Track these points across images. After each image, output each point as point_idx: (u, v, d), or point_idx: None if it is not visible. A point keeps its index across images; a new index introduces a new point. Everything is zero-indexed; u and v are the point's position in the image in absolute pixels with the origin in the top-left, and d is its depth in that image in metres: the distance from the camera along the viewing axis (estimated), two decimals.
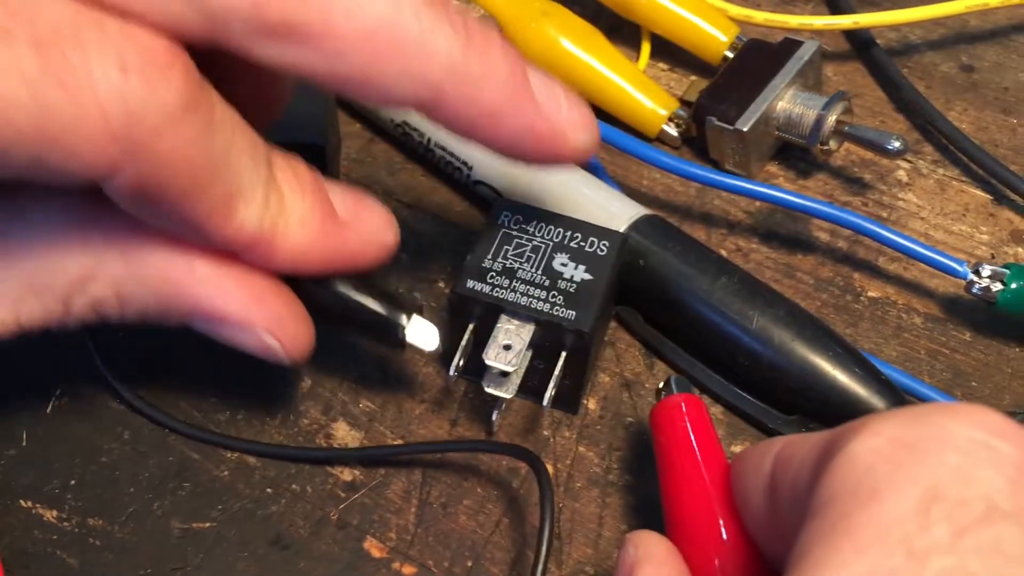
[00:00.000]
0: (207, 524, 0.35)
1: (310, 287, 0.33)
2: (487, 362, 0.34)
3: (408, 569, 0.34)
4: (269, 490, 0.35)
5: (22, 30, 0.24)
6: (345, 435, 0.37)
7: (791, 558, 0.23)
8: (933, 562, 0.20)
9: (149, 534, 0.34)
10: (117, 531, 0.34)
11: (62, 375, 0.37)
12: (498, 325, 0.34)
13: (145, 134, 0.25)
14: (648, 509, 0.35)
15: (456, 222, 0.43)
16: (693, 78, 0.47)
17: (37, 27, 0.24)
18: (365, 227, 0.32)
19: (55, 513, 0.35)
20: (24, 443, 0.36)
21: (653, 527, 0.31)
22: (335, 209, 0.31)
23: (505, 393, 0.35)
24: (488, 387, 0.35)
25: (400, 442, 0.37)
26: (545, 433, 0.37)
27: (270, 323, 0.31)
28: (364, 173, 0.44)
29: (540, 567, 0.30)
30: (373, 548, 0.34)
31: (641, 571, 0.28)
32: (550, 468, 0.36)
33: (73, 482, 0.35)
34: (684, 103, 0.45)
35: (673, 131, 0.45)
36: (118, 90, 0.24)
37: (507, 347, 0.34)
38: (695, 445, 0.32)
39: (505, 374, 0.35)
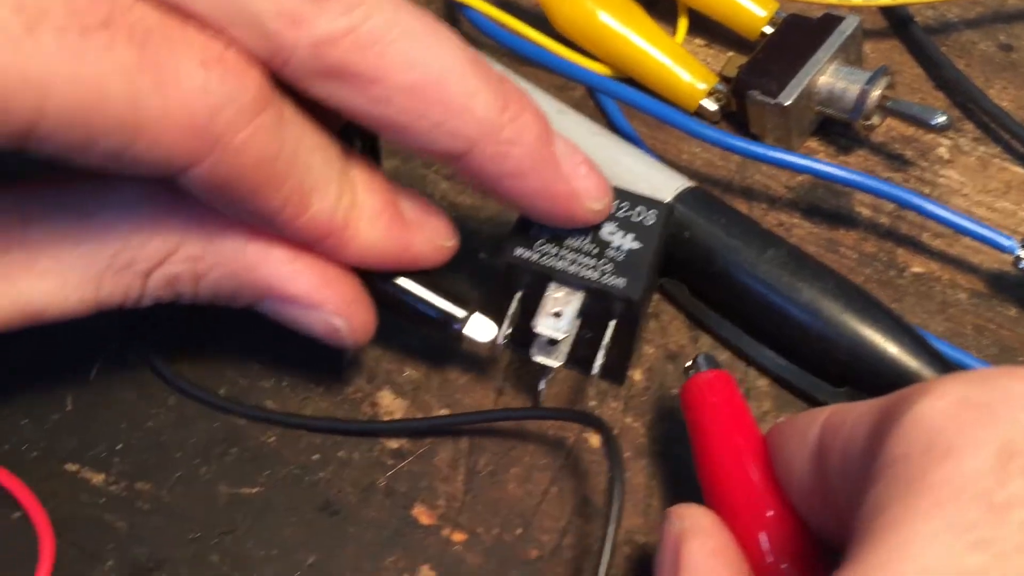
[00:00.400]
0: (255, 489, 0.34)
1: (374, 280, 0.33)
2: (537, 330, 0.34)
3: (458, 536, 0.34)
4: (316, 457, 0.35)
5: (121, 24, 0.25)
6: (390, 403, 0.37)
7: (861, 516, 0.23)
8: (1014, 514, 0.21)
9: (197, 498, 0.34)
10: (165, 495, 0.34)
11: (106, 341, 0.37)
12: (547, 293, 0.34)
13: (223, 128, 0.27)
14: (695, 480, 0.35)
15: None
16: (730, 54, 0.47)
17: (133, 23, 0.25)
18: (429, 230, 0.34)
19: (102, 477, 0.34)
20: (69, 407, 0.36)
21: (699, 499, 0.31)
22: (403, 211, 0.33)
23: (554, 361, 0.34)
24: (536, 356, 0.34)
25: (446, 411, 0.36)
26: (591, 404, 0.37)
27: (338, 305, 0.32)
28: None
29: (612, 526, 0.30)
30: (422, 515, 0.34)
31: (688, 544, 0.28)
32: (597, 439, 0.36)
33: (119, 446, 0.35)
34: (723, 78, 0.45)
35: (712, 105, 0.45)
36: (201, 87, 0.26)
37: (557, 315, 0.34)
38: (731, 420, 0.32)
39: (554, 343, 0.34)
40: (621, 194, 0.35)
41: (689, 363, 0.33)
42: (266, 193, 0.29)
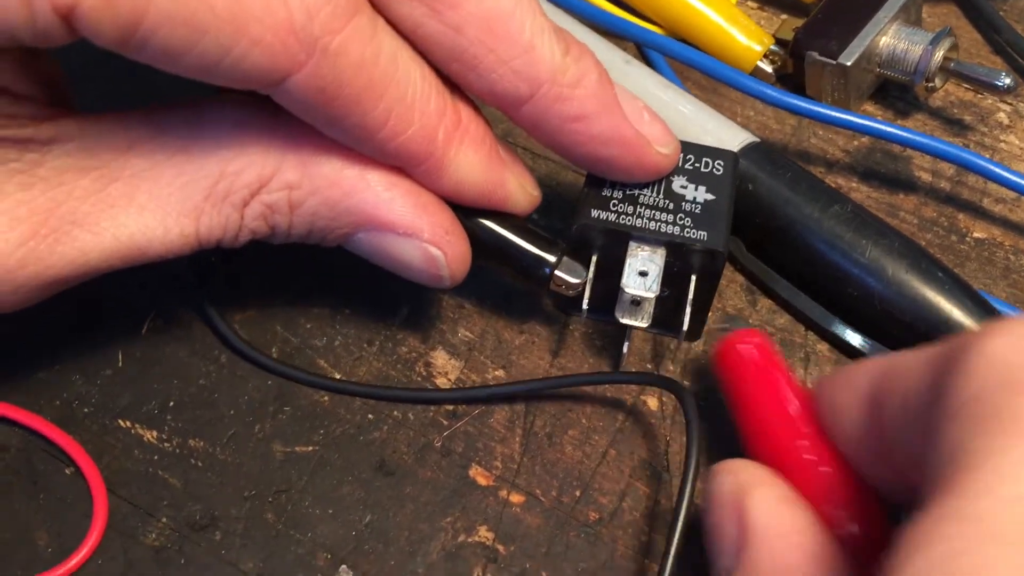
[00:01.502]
0: (310, 448, 0.34)
1: (465, 220, 0.33)
2: (627, 290, 0.33)
3: (516, 497, 0.33)
4: (371, 416, 0.35)
5: None
6: (444, 364, 0.36)
7: (942, 454, 0.22)
8: None
9: (251, 456, 0.33)
10: (219, 453, 0.34)
11: (158, 296, 0.36)
12: (630, 252, 0.33)
13: (320, 29, 0.26)
14: None
15: (547, 156, 0.42)
16: (784, 16, 0.46)
17: None
18: (519, 172, 0.33)
19: (155, 433, 0.34)
20: (120, 363, 0.35)
21: None
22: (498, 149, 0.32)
23: (641, 322, 0.34)
24: (622, 317, 0.34)
25: (501, 372, 0.36)
26: (648, 367, 0.36)
27: (435, 234, 0.31)
28: None
29: (689, 488, 0.29)
30: (479, 476, 0.34)
31: (752, 496, 0.27)
32: (655, 401, 0.35)
33: (172, 403, 0.34)
34: (778, 41, 0.44)
35: (768, 67, 0.44)
36: None
37: (643, 273, 0.33)
38: (774, 376, 0.31)
39: (638, 303, 0.34)
40: (686, 147, 0.35)
41: (723, 325, 0.33)
42: (367, 103, 0.28)
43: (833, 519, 0.28)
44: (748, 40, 0.44)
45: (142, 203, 0.29)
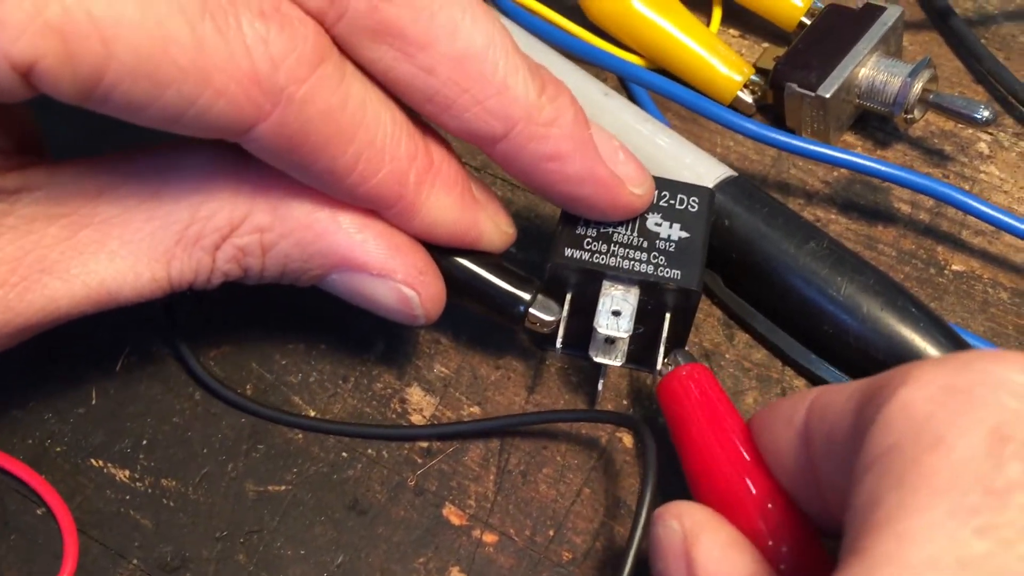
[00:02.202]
0: (282, 487, 0.34)
1: (439, 259, 0.33)
2: (600, 331, 0.33)
3: (489, 537, 0.33)
4: (344, 454, 0.35)
5: None
6: (420, 400, 0.36)
7: (857, 508, 0.22)
8: (1015, 498, 0.21)
9: (224, 496, 0.33)
10: (191, 492, 0.33)
11: (131, 333, 0.36)
12: (603, 292, 0.33)
13: (286, 78, 0.26)
14: None
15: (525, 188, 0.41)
16: (766, 45, 0.46)
17: None
18: (493, 212, 0.33)
19: (127, 473, 0.34)
20: (94, 401, 0.35)
21: None
22: (471, 188, 0.32)
23: (615, 361, 0.34)
24: (596, 356, 0.34)
25: (476, 409, 0.36)
26: (624, 403, 0.36)
27: (408, 274, 0.31)
28: None
29: (638, 533, 0.29)
30: (452, 515, 0.33)
31: (700, 545, 0.27)
32: (630, 438, 0.35)
33: (145, 442, 0.34)
34: (758, 70, 0.44)
35: (748, 98, 0.44)
36: (262, 38, 0.26)
37: (616, 313, 0.33)
38: (716, 411, 0.31)
39: (612, 341, 0.34)
40: (662, 183, 0.35)
41: (667, 358, 0.33)
42: (335, 149, 0.28)
43: (775, 555, 0.28)
44: (728, 70, 0.44)
45: (113, 249, 0.29)
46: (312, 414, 0.35)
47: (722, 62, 0.44)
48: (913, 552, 0.20)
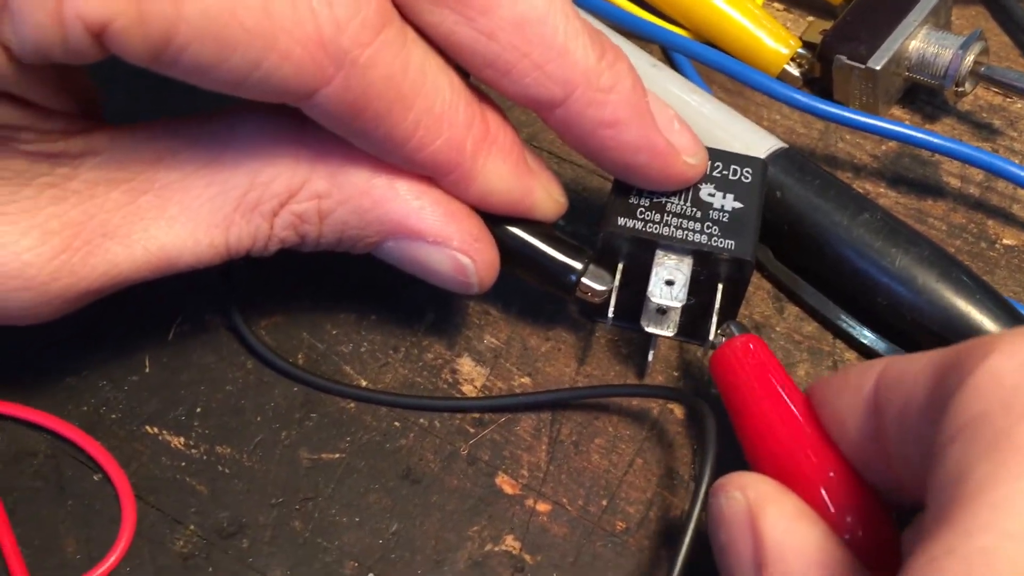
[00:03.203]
0: (336, 455, 0.34)
1: (492, 227, 0.33)
2: (653, 300, 0.33)
3: (543, 506, 0.33)
4: (397, 423, 0.35)
5: None
6: (470, 371, 0.36)
7: (944, 478, 0.22)
8: None
9: (278, 463, 0.34)
10: (246, 459, 0.34)
11: (184, 302, 0.36)
12: (656, 261, 0.33)
13: (350, 42, 0.26)
14: None
15: (573, 160, 0.41)
16: (811, 19, 0.46)
17: None
18: (547, 181, 0.33)
19: (182, 440, 0.34)
20: (147, 369, 0.35)
21: None
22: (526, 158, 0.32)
23: (667, 332, 0.33)
24: (648, 326, 0.33)
25: (527, 380, 0.36)
26: (675, 375, 0.36)
27: (464, 241, 0.31)
28: None
29: (698, 506, 0.29)
30: (505, 484, 0.34)
31: (768, 516, 0.27)
32: (682, 411, 0.35)
33: (199, 409, 0.34)
34: (805, 44, 0.44)
35: (795, 71, 0.43)
36: (327, 1, 0.26)
37: (669, 283, 0.33)
38: (774, 381, 0.31)
39: (663, 311, 0.33)
40: (714, 154, 0.34)
41: (720, 330, 0.33)
42: (396, 115, 0.28)
43: (840, 525, 0.28)
44: (775, 43, 0.43)
45: (172, 215, 0.29)
46: (364, 384, 0.35)
47: (768, 35, 0.43)
48: (1011, 521, 0.20)
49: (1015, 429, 0.21)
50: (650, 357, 0.35)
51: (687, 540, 0.29)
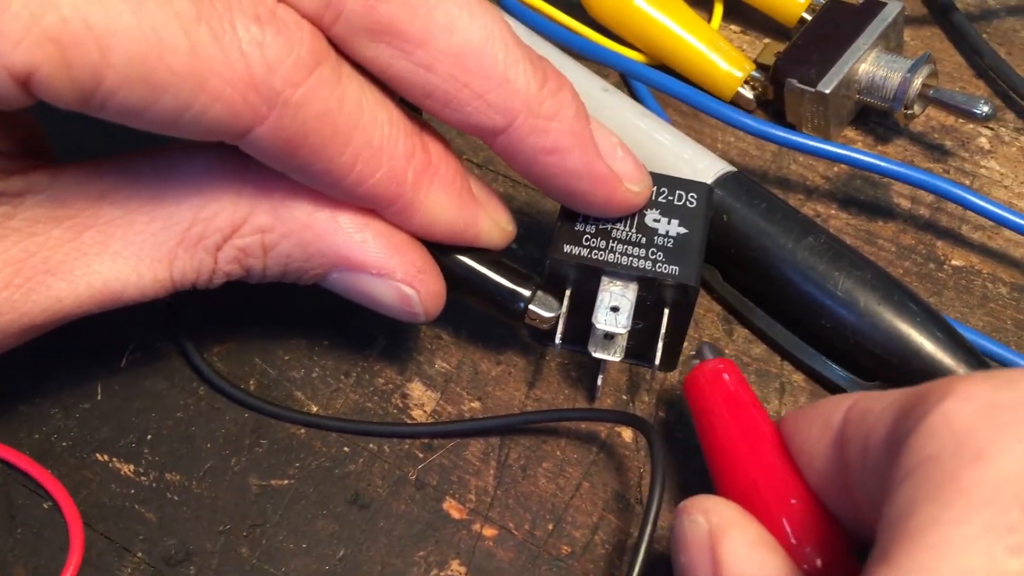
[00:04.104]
0: (285, 481, 0.34)
1: (439, 256, 0.33)
2: (598, 327, 0.33)
3: (489, 531, 0.33)
4: (346, 448, 0.35)
5: None
6: (421, 395, 0.36)
7: (891, 516, 0.22)
8: None
9: (227, 490, 0.34)
10: (195, 486, 0.34)
11: (136, 329, 0.37)
12: (602, 288, 0.33)
13: (282, 82, 0.27)
14: None
15: (527, 184, 0.42)
16: (767, 41, 0.46)
17: None
18: (493, 209, 0.33)
19: (132, 467, 0.34)
20: (99, 397, 0.36)
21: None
22: (471, 186, 0.33)
23: (614, 356, 0.34)
24: (595, 352, 0.34)
25: (477, 404, 0.36)
26: (624, 398, 0.36)
27: (408, 273, 0.32)
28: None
29: (649, 528, 0.29)
30: (453, 509, 0.34)
31: (729, 541, 0.27)
32: (630, 434, 0.35)
33: (149, 436, 0.35)
34: (759, 66, 0.44)
35: (748, 94, 0.44)
36: (257, 42, 0.26)
37: (615, 309, 0.33)
38: (744, 407, 0.31)
39: (610, 337, 0.34)
40: (660, 179, 0.35)
41: (693, 352, 0.33)
42: (333, 151, 0.28)
43: (799, 555, 0.28)
44: (729, 66, 0.44)
45: (116, 250, 0.29)
46: (314, 409, 0.36)
47: (723, 58, 0.44)
48: (944, 565, 0.20)
49: (962, 473, 0.21)
50: (599, 381, 0.35)
51: (638, 564, 0.29)
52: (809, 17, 0.44)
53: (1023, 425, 0.22)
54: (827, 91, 0.41)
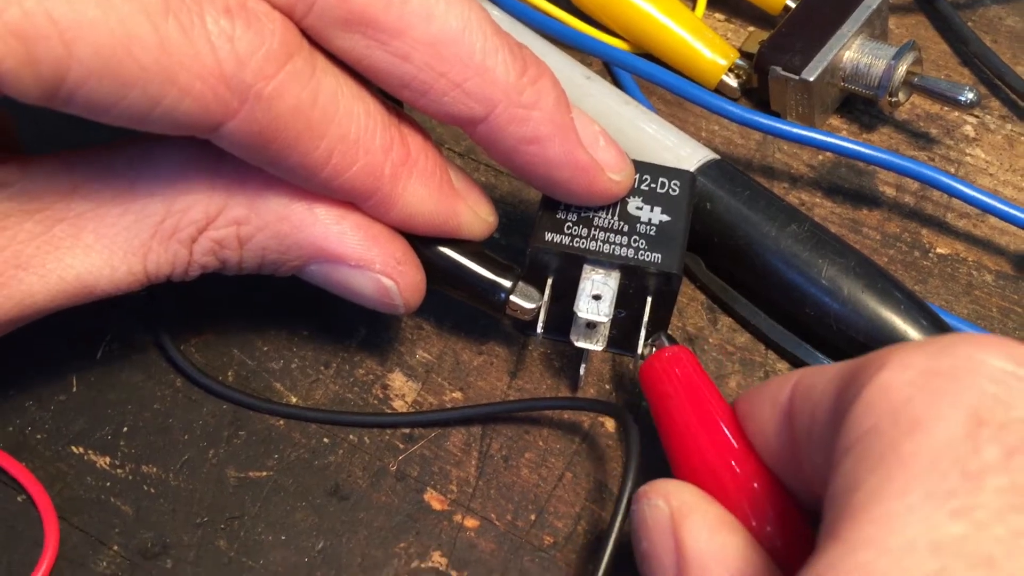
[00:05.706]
0: (263, 473, 0.34)
1: (419, 247, 0.33)
2: (580, 315, 0.33)
3: (470, 522, 0.33)
4: (326, 440, 0.34)
5: None
6: (402, 386, 0.36)
7: (836, 491, 0.22)
8: (989, 481, 0.20)
9: (205, 482, 0.33)
10: (172, 479, 0.33)
11: (112, 321, 0.36)
12: (584, 276, 0.33)
13: (253, 76, 0.26)
14: None
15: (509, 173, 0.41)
16: (751, 29, 0.46)
17: None
18: (473, 201, 0.33)
19: (108, 460, 0.34)
20: (75, 389, 0.35)
21: None
22: (451, 178, 0.32)
23: (596, 345, 0.34)
24: (577, 341, 0.34)
25: (459, 395, 0.36)
26: (607, 387, 0.36)
27: (387, 264, 0.31)
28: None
29: (619, 517, 0.29)
30: (434, 500, 0.33)
31: (690, 524, 0.27)
32: (613, 424, 0.35)
33: (125, 429, 0.34)
34: (744, 54, 0.44)
35: (733, 82, 0.43)
36: (227, 35, 0.26)
37: (597, 297, 0.33)
38: (700, 392, 0.31)
39: (592, 326, 0.33)
40: (643, 167, 0.34)
41: (648, 342, 0.33)
42: (307, 144, 0.28)
43: (760, 535, 0.28)
44: (713, 54, 0.43)
45: (88, 243, 0.29)
46: (294, 400, 0.35)
47: (707, 46, 0.43)
48: (891, 537, 0.20)
49: (901, 443, 0.21)
50: (582, 371, 0.35)
51: (608, 551, 0.29)
52: (793, 5, 0.44)
53: (959, 391, 0.22)
54: (811, 79, 0.40)
